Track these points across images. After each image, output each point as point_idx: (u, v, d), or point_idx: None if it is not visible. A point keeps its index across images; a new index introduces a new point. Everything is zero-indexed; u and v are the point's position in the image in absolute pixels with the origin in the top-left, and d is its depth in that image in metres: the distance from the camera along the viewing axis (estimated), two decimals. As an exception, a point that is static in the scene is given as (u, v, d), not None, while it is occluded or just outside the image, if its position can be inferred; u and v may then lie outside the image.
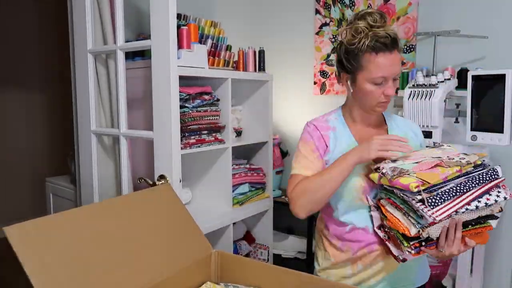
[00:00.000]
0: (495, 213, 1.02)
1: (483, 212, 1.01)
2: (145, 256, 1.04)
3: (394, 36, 1.07)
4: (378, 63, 1.07)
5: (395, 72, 1.09)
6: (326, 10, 2.50)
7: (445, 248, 1.00)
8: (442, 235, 1.00)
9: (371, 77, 1.09)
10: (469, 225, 1.02)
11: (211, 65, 2.04)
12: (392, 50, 1.07)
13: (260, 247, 2.37)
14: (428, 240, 1.02)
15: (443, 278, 1.73)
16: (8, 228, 0.83)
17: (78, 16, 1.78)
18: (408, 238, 1.02)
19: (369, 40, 1.06)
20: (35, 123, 4.12)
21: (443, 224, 1.00)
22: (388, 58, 1.07)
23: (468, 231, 1.02)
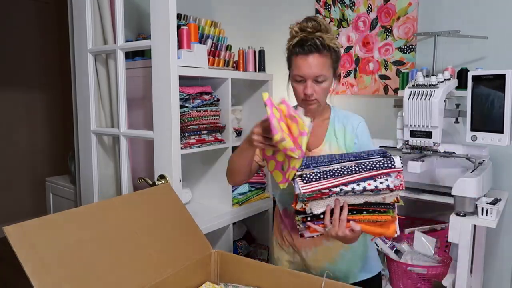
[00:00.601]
0: (389, 202, 1.04)
1: (370, 198, 1.04)
2: (145, 256, 1.04)
3: (319, 42, 1.17)
4: (297, 63, 1.20)
5: (313, 74, 1.18)
6: (326, 10, 2.50)
7: (330, 228, 1.05)
8: (327, 214, 1.05)
9: (292, 75, 1.24)
10: (363, 211, 1.05)
11: (211, 65, 2.04)
12: (310, 53, 1.17)
13: (260, 247, 2.37)
14: (316, 216, 1.07)
15: (443, 278, 1.73)
16: (8, 228, 0.83)
17: (78, 16, 1.78)
18: (297, 212, 1.08)
19: (294, 42, 1.20)
20: (35, 123, 4.12)
21: (327, 203, 1.05)
22: (305, 60, 1.18)
23: (362, 216, 1.05)
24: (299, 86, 1.23)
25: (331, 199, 1.05)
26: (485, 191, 1.68)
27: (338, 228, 1.03)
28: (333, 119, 1.33)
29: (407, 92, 1.73)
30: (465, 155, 1.80)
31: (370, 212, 1.04)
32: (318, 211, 1.05)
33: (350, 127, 1.30)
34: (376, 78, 2.34)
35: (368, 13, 2.33)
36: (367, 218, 1.04)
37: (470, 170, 1.68)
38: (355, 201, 1.04)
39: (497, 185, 1.99)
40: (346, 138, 1.29)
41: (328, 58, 1.20)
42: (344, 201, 1.04)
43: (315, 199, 1.05)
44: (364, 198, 1.04)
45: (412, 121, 1.72)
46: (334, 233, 1.04)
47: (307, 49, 1.17)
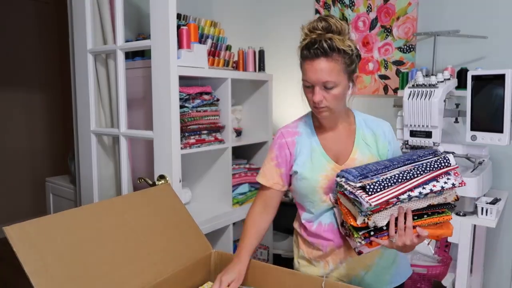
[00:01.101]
0: (450, 201, 1.01)
1: (433, 200, 1.00)
2: (145, 255, 1.04)
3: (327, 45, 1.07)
4: (304, 68, 1.12)
5: (319, 80, 1.09)
6: (326, 10, 2.50)
7: (396, 238, 0.99)
8: (391, 224, 0.99)
9: (302, 79, 1.15)
10: (424, 215, 1.01)
11: (211, 65, 2.04)
12: (317, 58, 1.08)
13: (260, 247, 2.37)
14: (378, 230, 1.01)
15: (443, 278, 1.73)
16: (8, 228, 0.83)
17: (78, 16, 1.78)
18: (356, 229, 1.02)
19: (302, 45, 1.12)
20: (35, 123, 4.12)
21: (391, 213, 0.99)
22: (311, 65, 1.09)
23: (424, 221, 1.00)
24: (308, 92, 1.15)
25: (394, 208, 0.99)
26: (485, 191, 1.68)
27: (405, 237, 0.98)
28: (360, 125, 1.23)
29: (407, 92, 1.73)
30: (465, 155, 1.80)
31: (430, 215, 1.01)
32: (383, 223, 1.00)
33: (381, 133, 1.22)
34: (376, 78, 2.34)
35: (368, 13, 2.33)
36: (429, 221, 1.00)
37: (470, 169, 1.68)
38: (419, 205, 1.00)
39: (497, 184, 1.99)
40: (378, 145, 1.21)
41: (338, 62, 1.09)
42: (407, 208, 0.99)
43: (379, 211, 0.99)
44: (428, 200, 1.00)
45: (412, 121, 1.72)
46: (401, 243, 0.99)
47: (313, 53, 1.08)
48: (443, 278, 1.73)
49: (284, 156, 1.23)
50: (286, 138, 1.24)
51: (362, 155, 1.18)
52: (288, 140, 1.23)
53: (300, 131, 1.25)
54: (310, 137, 1.23)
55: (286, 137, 1.24)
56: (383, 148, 1.20)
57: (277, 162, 1.23)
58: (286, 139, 1.24)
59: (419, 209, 1.00)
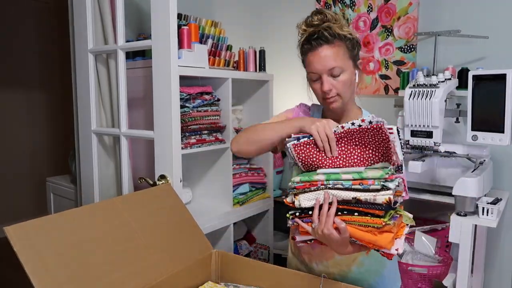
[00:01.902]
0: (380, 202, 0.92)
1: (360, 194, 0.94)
2: (146, 256, 1.04)
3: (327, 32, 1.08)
4: (308, 61, 1.13)
5: (326, 67, 1.10)
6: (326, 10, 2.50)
7: (317, 224, 0.96)
8: (315, 208, 0.97)
9: (308, 74, 1.16)
10: (354, 212, 0.95)
11: (212, 65, 2.04)
12: (319, 46, 1.09)
13: (260, 247, 2.37)
14: (304, 212, 1.01)
15: (444, 278, 1.73)
16: (8, 228, 0.83)
17: (78, 16, 1.78)
18: (289, 208, 1.03)
19: (302, 40, 1.14)
20: (36, 123, 4.12)
21: (316, 196, 0.98)
22: (315, 54, 1.10)
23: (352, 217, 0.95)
24: (316, 85, 1.15)
25: (320, 192, 0.98)
26: (486, 191, 1.68)
27: (323, 225, 0.94)
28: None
29: (408, 92, 1.73)
30: (466, 155, 1.79)
31: (362, 214, 0.94)
32: (307, 205, 0.99)
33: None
34: (377, 78, 2.34)
35: (369, 13, 2.33)
36: (357, 220, 0.94)
37: (470, 170, 1.68)
38: (344, 195, 0.96)
39: (498, 185, 1.99)
40: None
41: (341, 47, 1.10)
42: (333, 197, 0.96)
43: (305, 191, 1.00)
44: (354, 193, 0.95)
45: (413, 121, 1.72)
46: (320, 231, 0.95)
47: (315, 42, 1.09)
48: (443, 278, 1.73)
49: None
50: (300, 112, 1.30)
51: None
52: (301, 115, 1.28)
53: (311, 114, 1.30)
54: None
55: (301, 110, 1.31)
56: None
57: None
58: (300, 112, 1.30)
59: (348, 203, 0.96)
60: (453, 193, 1.56)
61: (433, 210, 2.06)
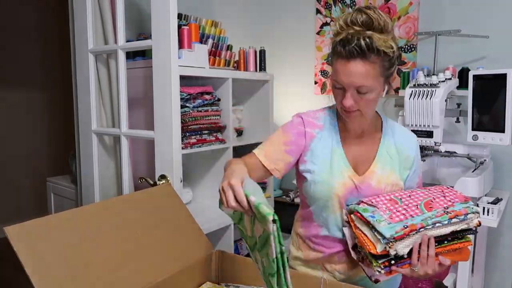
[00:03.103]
0: (472, 227, 0.97)
1: (457, 226, 0.95)
2: (146, 256, 1.04)
3: (366, 44, 0.93)
4: (336, 67, 0.99)
5: (352, 84, 0.96)
6: (327, 9, 2.50)
7: (419, 267, 0.93)
8: (414, 253, 0.93)
9: (332, 79, 1.02)
10: (444, 241, 0.96)
11: (212, 65, 2.04)
12: (352, 58, 0.94)
13: (261, 247, 2.36)
14: (399, 258, 0.94)
15: (445, 278, 1.72)
16: (9, 228, 0.83)
17: (79, 16, 1.78)
18: (376, 257, 0.94)
19: (336, 41, 0.98)
20: (36, 123, 4.12)
21: (414, 241, 0.93)
22: (345, 66, 0.96)
23: (444, 247, 0.96)
24: (337, 93, 1.02)
25: (418, 235, 0.93)
26: (486, 191, 1.68)
27: (427, 266, 0.92)
28: (386, 133, 1.13)
29: (408, 92, 1.73)
30: (466, 155, 1.79)
31: (450, 240, 0.96)
32: (405, 251, 0.93)
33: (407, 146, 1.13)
34: (377, 77, 2.34)
35: (369, 13, 2.33)
36: (449, 248, 0.96)
37: (471, 169, 1.67)
38: (442, 232, 0.95)
39: (498, 184, 1.99)
40: (401, 158, 1.11)
41: (376, 65, 0.96)
42: (430, 235, 0.93)
43: (403, 238, 0.93)
44: (452, 227, 0.95)
45: (413, 120, 1.72)
46: (423, 272, 0.93)
47: (349, 51, 0.94)
48: (444, 277, 1.73)
49: (299, 146, 1.11)
50: (306, 128, 1.12)
51: (382, 169, 1.09)
52: (308, 131, 1.12)
53: (324, 125, 1.13)
54: (332, 136, 1.12)
55: (307, 126, 1.12)
56: (406, 162, 1.12)
57: (290, 149, 1.10)
58: (306, 128, 1.12)
59: (442, 236, 0.96)
60: (453, 193, 1.56)
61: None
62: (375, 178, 1.09)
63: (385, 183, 1.09)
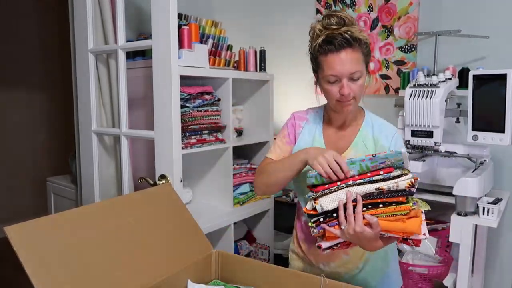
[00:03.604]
0: (405, 187, 0.93)
1: (382, 184, 0.94)
2: (146, 255, 1.04)
3: (348, 36, 1.08)
4: (328, 63, 1.11)
5: (348, 71, 1.10)
6: (327, 9, 2.50)
7: (345, 225, 0.95)
8: (340, 210, 0.96)
9: (325, 76, 1.13)
10: (379, 205, 0.95)
11: (212, 65, 2.04)
12: (342, 49, 1.09)
13: (261, 247, 2.37)
14: (328, 217, 0.97)
15: (444, 278, 1.72)
16: (9, 228, 0.83)
17: (79, 16, 1.78)
18: (309, 216, 1.00)
19: (320, 41, 1.11)
20: (36, 123, 4.12)
21: (338, 197, 0.96)
22: (337, 57, 1.09)
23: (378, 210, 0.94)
24: (333, 87, 1.13)
25: (341, 192, 0.96)
26: (486, 191, 1.68)
27: (354, 224, 0.93)
28: (366, 125, 1.24)
29: (408, 92, 1.73)
30: (466, 155, 1.79)
31: (387, 204, 0.94)
32: (329, 207, 0.96)
33: (383, 136, 1.20)
34: (377, 77, 2.34)
35: (369, 13, 2.33)
36: (384, 211, 0.94)
37: (471, 169, 1.67)
38: (366, 189, 0.95)
39: (498, 184, 1.99)
40: (377, 148, 1.19)
41: (360, 52, 1.12)
42: (356, 193, 0.95)
43: (325, 194, 0.97)
44: (375, 184, 0.95)
45: (413, 120, 1.71)
46: (351, 231, 0.94)
47: (338, 44, 1.08)
48: (444, 278, 1.73)
49: (293, 135, 1.28)
50: (295, 120, 1.31)
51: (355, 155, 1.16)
52: (296, 123, 1.30)
53: (309, 118, 1.30)
54: (315, 127, 1.27)
55: (296, 119, 1.31)
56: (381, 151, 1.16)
57: (289, 139, 1.28)
58: (296, 120, 1.31)
59: (370, 196, 0.95)
60: (453, 193, 1.56)
61: (434, 210, 2.04)
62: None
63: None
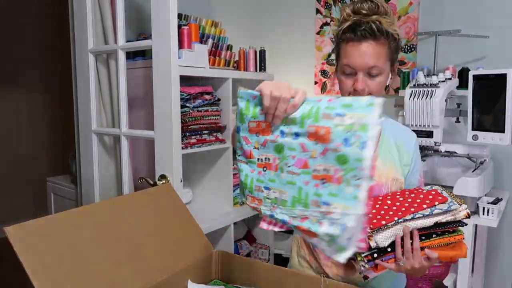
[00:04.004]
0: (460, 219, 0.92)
1: (440, 217, 0.92)
2: (146, 256, 1.04)
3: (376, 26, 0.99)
4: (346, 52, 1.02)
5: (366, 65, 1.00)
6: (326, 9, 2.50)
7: (404, 261, 0.91)
8: (397, 246, 0.91)
9: (341, 65, 1.05)
10: (432, 235, 0.92)
11: (212, 65, 2.04)
12: (364, 40, 0.99)
13: (261, 247, 2.37)
14: (382, 251, 0.93)
15: (445, 278, 1.72)
16: (9, 228, 0.83)
17: (79, 16, 1.78)
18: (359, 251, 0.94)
19: (345, 27, 1.02)
20: (36, 123, 4.12)
21: (395, 233, 0.92)
22: (357, 47, 1.00)
23: (433, 241, 0.92)
24: (347, 79, 1.04)
25: (398, 227, 0.92)
26: (486, 191, 1.68)
27: (413, 260, 0.89)
28: (386, 129, 1.12)
29: (408, 92, 1.73)
30: (466, 155, 1.79)
31: (440, 234, 0.92)
32: (385, 244, 0.91)
33: (406, 143, 1.12)
34: (377, 77, 2.34)
35: (369, 13, 2.33)
36: (439, 242, 0.92)
37: (471, 169, 1.67)
38: (425, 223, 0.91)
39: (498, 184, 1.99)
40: (400, 155, 1.11)
41: (385, 47, 1.01)
42: (413, 228, 0.90)
43: (381, 230, 0.92)
44: (435, 218, 0.92)
45: (413, 120, 1.72)
46: (409, 266, 0.90)
47: (361, 34, 0.99)
48: (444, 278, 1.73)
49: None
50: None
51: (383, 164, 1.10)
52: None
53: None
54: None
55: None
56: (406, 160, 1.12)
57: None
58: None
59: (426, 227, 0.92)
60: (453, 193, 1.56)
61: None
62: (376, 172, 1.08)
63: (386, 177, 1.09)
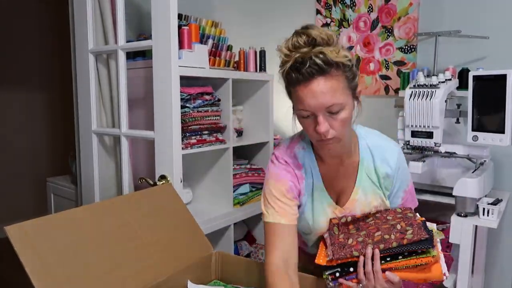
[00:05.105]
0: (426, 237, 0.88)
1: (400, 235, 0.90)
2: (146, 256, 1.04)
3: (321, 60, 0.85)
4: (297, 96, 0.90)
5: (322, 105, 0.87)
6: (327, 10, 2.50)
7: (366, 282, 0.89)
8: (360, 266, 0.89)
9: (297, 110, 0.93)
10: (398, 256, 0.89)
11: (212, 65, 2.04)
12: (312, 78, 0.86)
13: (261, 247, 2.36)
14: (346, 271, 0.93)
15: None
16: (9, 228, 0.83)
17: (79, 16, 1.78)
18: (324, 268, 0.95)
19: (287, 68, 0.90)
20: (36, 123, 4.12)
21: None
22: (308, 88, 0.87)
23: (398, 263, 0.89)
24: (308, 122, 0.92)
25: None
26: (486, 192, 1.68)
27: (375, 282, 0.88)
28: (363, 154, 1.05)
29: (408, 92, 1.73)
30: (466, 156, 1.79)
31: (406, 256, 0.89)
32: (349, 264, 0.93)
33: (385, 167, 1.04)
34: (377, 78, 2.34)
35: (369, 13, 2.33)
36: (405, 263, 0.89)
37: (471, 170, 1.67)
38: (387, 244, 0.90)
39: (498, 185, 1.99)
40: (381, 181, 1.06)
41: (339, 78, 0.88)
42: (374, 249, 0.89)
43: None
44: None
45: (413, 121, 1.71)
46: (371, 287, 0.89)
47: (307, 73, 0.86)
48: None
49: (297, 187, 1.06)
50: (295, 170, 1.06)
51: (364, 195, 1.06)
52: (298, 173, 1.06)
53: (303, 164, 1.07)
54: (311, 172, 1.07)
55: (294, 168, 1.06)
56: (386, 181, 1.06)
57: (294, 195, 1.05)
58: (295, 170, 1.06)
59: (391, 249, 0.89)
60: (453, 194, 1.56)
61: (434, 210, 2.05)
62: (358, 206, 1.06)
63: (369, 208, 1.07)
